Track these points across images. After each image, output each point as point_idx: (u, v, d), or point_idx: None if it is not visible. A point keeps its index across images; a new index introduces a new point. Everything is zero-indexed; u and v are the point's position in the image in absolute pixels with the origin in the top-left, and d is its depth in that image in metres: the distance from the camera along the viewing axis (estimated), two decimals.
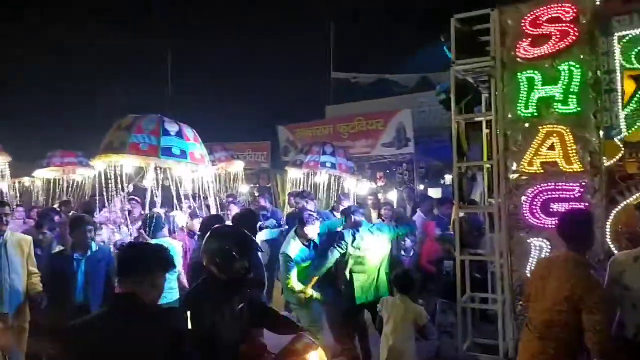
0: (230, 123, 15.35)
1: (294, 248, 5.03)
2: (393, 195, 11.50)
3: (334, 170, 8.77)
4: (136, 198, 7.18)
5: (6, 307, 4.42)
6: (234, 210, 7.25)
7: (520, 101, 4.14)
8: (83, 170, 10.29)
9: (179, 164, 6.04)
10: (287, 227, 6.96)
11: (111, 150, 5.77)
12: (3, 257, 4.46)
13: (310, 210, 6.08)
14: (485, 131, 5.45)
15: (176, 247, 4.97)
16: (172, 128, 6.00)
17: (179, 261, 4.89)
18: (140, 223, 5.75)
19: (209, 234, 2.89)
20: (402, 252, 6.97)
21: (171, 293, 4.84)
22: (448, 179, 13.56)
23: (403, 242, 6.91)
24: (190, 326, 2.36)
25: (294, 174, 9.40)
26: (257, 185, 13.68)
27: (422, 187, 13.80)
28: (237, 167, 10.59)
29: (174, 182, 6.61)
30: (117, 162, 5.97)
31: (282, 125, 15.06)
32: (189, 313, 2.40)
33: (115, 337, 2.06)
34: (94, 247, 4.61)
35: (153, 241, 4.83)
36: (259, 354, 2.82)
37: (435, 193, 12.56)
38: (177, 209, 6.54)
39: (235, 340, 2.71)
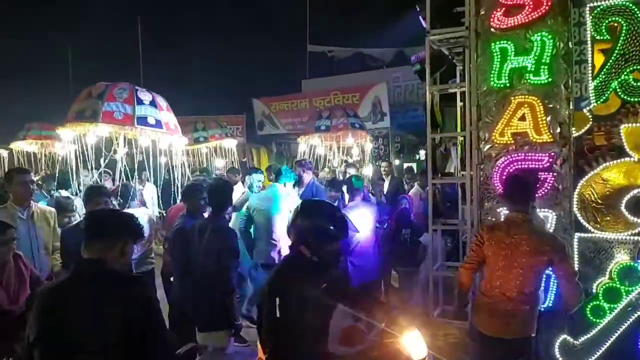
0: (205, 96, 15.05)
1: None
2: (368, 170, 11.55)
3: (361, 130, 9.23)
4: (108, 170, 7.02)
5: None
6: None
7: (493, 71, 4.15)
8: (62, 144, 9.81)
9: (155, 134, 5.93)
10: None
11: (82, 118, 5.59)
12: (31, 231, 4.07)
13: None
14: (459, 104, 5.50)
15: (144, 218, 4.91)
16: (145, 97, 5.86)
17: (148, 232, 4.84)
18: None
19: (300, 208, 2.57)
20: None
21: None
22: (422, 153, 13.69)
23: None
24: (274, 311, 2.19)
25: (312, 142, 9.66)
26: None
27: (397, 161, 13.91)
28: (230, 144, 10.42)
29: (143, 154, 6.47)
30: (86, 132, 5.80)
31: (257, 98, 14.89)
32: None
33: (79, 302, 1.99)
34: None
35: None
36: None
37: (407, 169, 12.68)
38: (147, 182, 6.44)
39: (317, 326, 2.39)
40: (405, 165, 13.24)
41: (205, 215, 4.27)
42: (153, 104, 5.88)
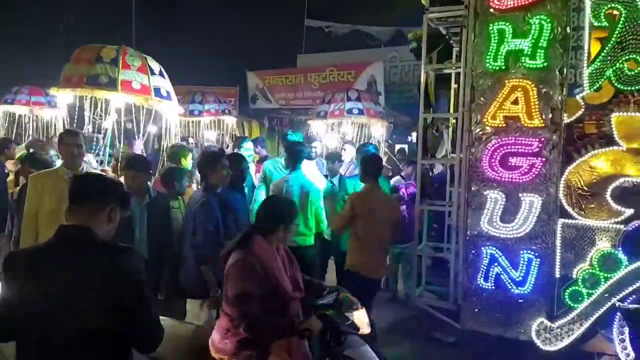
0: (197, 66, 14.79)
1: None
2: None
3: (361, 116, 8.23)
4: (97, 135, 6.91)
5: None
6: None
7: (489, 53, 4.12)
8: (51, 111, 9.22)
9: (169, 105, 5.77)
10: None
11: (97, 85, 5.23)
12: None
13: None
14: (453, 85, 5.47)
15: None
16: (155, 66, 5.68)
17: None
18: None
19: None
20: None
21: None
22: (415, 136, 13.67)
23: None
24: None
25: (317, 128, 8.87)
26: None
27: (389, 142, 13.86)
28: (228, 120, 10.24)
29: (133, 122, 6.36)
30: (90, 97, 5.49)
31: (251, 71, 14.70)
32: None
33: (59, 272, 1.83)
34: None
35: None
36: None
37: (400, 150, 12.66)
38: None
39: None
40: (398, 146, 13.22)
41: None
42: (162, 74, 5.74)
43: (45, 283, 1.81)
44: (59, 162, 4.79)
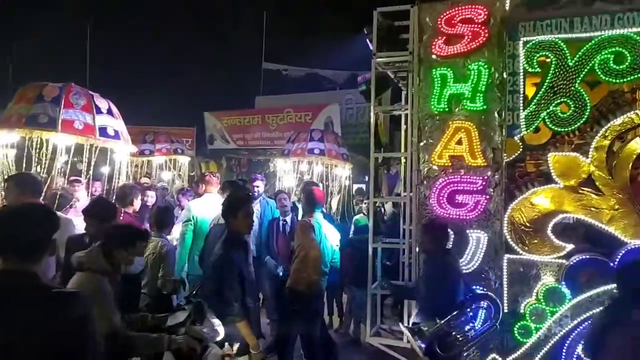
0: (155, 106, 14.69)
1: None
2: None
3: (322, 156, 8.20)
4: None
5: None
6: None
7: (433, 96, 4.32)
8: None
9: (116, 145, 5.56)
10: None
11: (36, 125, 5.08)
12: None
13: None
14: (403, 126, 5.65)
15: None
16: (102, 104, 5.49)
17: None
18: None
19: None
20: None
21: None
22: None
23: None
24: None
25: (281, 166, 8.97)
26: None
27: (347, 182, 14.01)
28: (181, 159, 10.15)
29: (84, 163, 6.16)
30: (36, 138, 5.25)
31: (209, 112, 14.72)
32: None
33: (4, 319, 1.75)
34: None
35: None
36: None
37: (357, 190, 12.83)
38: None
39: None
40: (356, 186, 13.39)
41: None
42: (110, 112, 5.56)
43: None
44: None
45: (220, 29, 16.20)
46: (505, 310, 4.07)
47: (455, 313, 3.50)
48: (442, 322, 3.38)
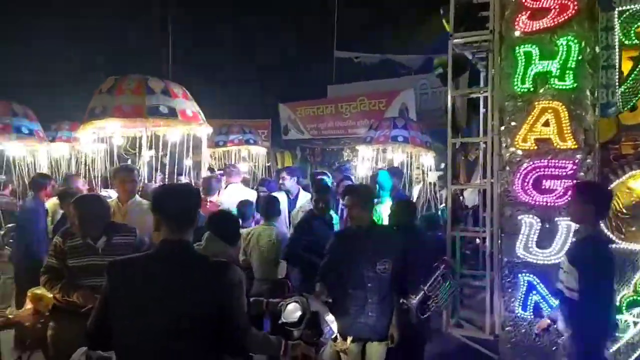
0: (231, 100, 15.21)
1: None
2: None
3: (406, 144, 8.23)
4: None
5: None
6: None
7: (516, 76, 4.08)
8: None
9: (168, 123, 5.62)
10: None
11: (93, 117, 5.32)
12: None
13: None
14: (482, 110, 5.42)
15: None
16: (157, 85, 5.49)
17: None
18: None
19: None
20: None
21: None
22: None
23: None
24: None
25: (364, 153, 9.02)
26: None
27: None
28: (256, 150, 10.42)
29: (167, 156, 6.41)
30: (102, 130, 5.59)
31: (283, 103, 15.00)
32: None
33: (167, 281, 2.01)
34: None
35: None
36: None
37: (432, 176, 12.52)
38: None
39: None
40: (436, 174, 13.09)
41: None
42: (166, 92, 5.49)
43: (141, 286, 2.02)
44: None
45: (291, 19, 16.35)
46: None
47: (432, 279, 3.64)
48: (425, 287, 3.56)
